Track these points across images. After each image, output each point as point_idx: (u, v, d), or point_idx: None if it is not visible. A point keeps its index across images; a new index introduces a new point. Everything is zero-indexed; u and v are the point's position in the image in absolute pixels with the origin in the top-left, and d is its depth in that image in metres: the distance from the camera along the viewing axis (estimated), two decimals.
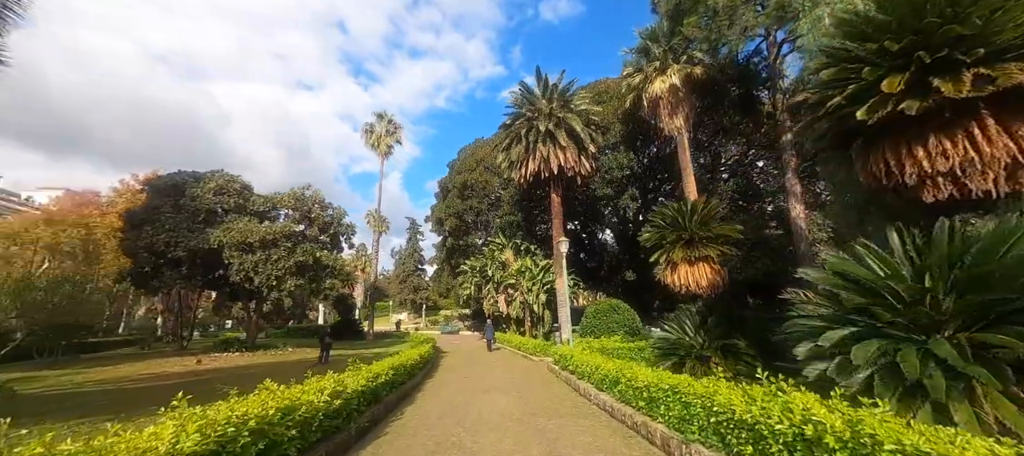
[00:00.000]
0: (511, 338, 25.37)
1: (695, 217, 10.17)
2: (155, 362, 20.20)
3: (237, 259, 21.57)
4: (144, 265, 22.74)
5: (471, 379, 12.71)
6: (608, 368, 8.14)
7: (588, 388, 9.03)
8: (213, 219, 23.13)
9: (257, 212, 24.72)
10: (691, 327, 10.39)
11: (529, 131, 26.16)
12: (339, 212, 28.57)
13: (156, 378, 14.33)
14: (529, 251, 33.68)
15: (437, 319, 58.74)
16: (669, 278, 10.57)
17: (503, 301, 31.92)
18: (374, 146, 41.50)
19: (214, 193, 23.24)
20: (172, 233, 21.82)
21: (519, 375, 13.35)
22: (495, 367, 15.93)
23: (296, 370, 16.38)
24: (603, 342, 14.47)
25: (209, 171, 24.53)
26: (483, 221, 40.37)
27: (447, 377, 13.34)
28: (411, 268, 71.39)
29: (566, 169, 25.68)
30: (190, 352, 25.40)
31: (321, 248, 26.01)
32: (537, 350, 18.52)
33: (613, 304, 18.53)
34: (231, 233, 21.60)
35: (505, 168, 29.18)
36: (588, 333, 17.95)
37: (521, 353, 20.84)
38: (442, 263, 48.12)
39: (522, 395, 9.61)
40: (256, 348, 25.72)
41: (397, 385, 9.49)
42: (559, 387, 10.81)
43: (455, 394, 10.03)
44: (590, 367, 9.41)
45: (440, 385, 11.66)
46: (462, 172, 39.47)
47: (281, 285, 22.60)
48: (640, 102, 24.62)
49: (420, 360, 12.99)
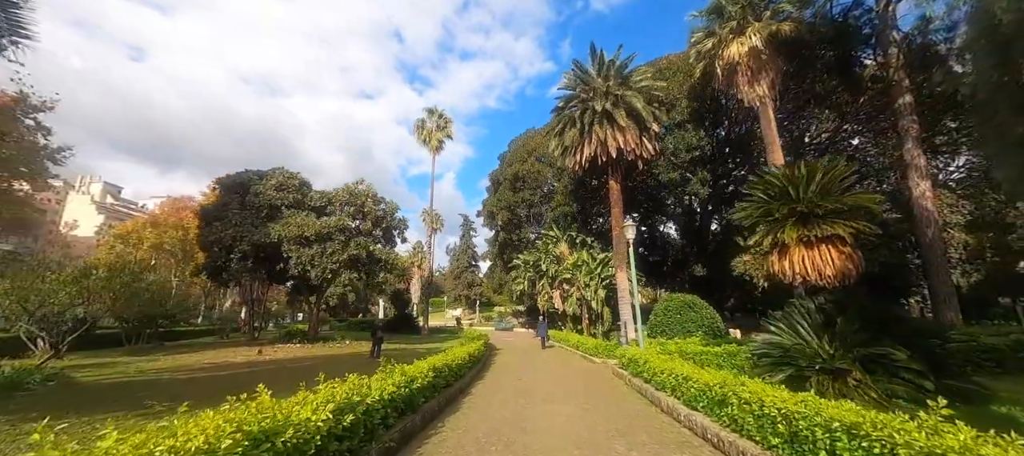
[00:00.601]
0: (568, 336, 23.54)
1: (813, 185, 7.73)
2: (226, 351, 21.12)
3: (295, 252, 21.95)
4: (215, 259, 24.05)
5: (526, 383, 11.17)
6: (706, 380, 6.16)
7: (673, 404, 7.09)
8: (275, 214, 23.83)
9: (314, 207, 25.17)
10: (809, 329, 7.98)
11: (584, 113, 24.08)
12: (391, 206, 28.46)
13: (215, 368, 14.51)
14: (585, 244, 31.49)
15: (491, 315, 58.26)
16: (776, 266, 8.22)
17: (558, 297, 30.12)
18: (425, 142, 41.52)
19: (275, 189, 23.94)
20: (238, 228, 22.74)
21: (580, 380, 11.59)
22: (552, 368, 14.29)
23: (349, 362, 15.98)
24: (680, 344, 12.24)
25: (270, 169, 25.41)
26: (536, 214, 38.78)
27: (499, 380, 11.93)
28: (465, 264, 71.75)
29: (626, 152, 23.28)
30: (260, 342, 26.72)
31: (374, 242, 25.98)
32: (598, 351, 16.57)
33: (688, 300, 16.04)
34: (289, 227, 22.02)
35: (558, 155, 27.32)
36: (658, 333, 15.66)
37: (580, 353, 18.99)
38: (495, 258, 47.30)
39: (588, 408, 7.88)
40: (317, 340, 26.33)
41: (439, 389, 8.19)
42: (631, 398, 8.91)
43: (507, 403, 8.53)
44: (675, 376, 7.44)
45: (491, 390, 10.25)
46: (513, 163, 38.15)
47: (336, 278, 22.74)
48: (712, 71, 21.59)
49: (468, 359, 11.70)
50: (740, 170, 36.00)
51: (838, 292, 7.70)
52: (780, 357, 7.62)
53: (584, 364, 15.66)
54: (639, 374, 10.09)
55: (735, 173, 36.37)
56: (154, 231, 47.78)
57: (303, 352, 20.64)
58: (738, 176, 36.54)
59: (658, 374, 8.43)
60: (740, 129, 32.60)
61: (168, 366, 14.60)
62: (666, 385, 7.94)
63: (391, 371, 6.50)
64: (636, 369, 10.36)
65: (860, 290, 8.79)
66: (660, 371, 8.35)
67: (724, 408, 5.40)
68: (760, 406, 4.60)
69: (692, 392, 6.48)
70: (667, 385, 7.91)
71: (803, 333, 8.04)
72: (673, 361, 8.67)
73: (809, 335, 7.96)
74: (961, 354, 8.21)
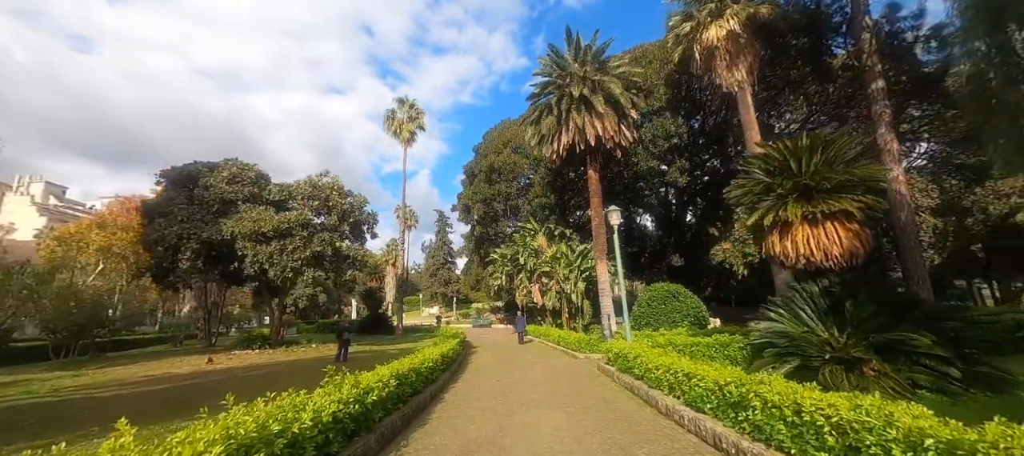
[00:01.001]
0: (548, 331, 22.69)
1: (816, 157, 7.02)
2: (173, 361, 19.09)
3: (250, 250, 20.05)
4: (162, 260, 21.79)
5: (505, 385, 10.13)
6: (714, 378, 5.29)
7: (673, 405, 6.21)
8: (228, 209, 21.78)
9: (273, 201, 23.23)
10: (813, 315, 7.30)
11: (561, 99, 23.20)
12: (359, 200, 26.73)
13: (151, 382, 12.74)
14: (564, 236, 30.78)
15: (469, 312, 56.97)
16: (777, 247, 7.50)
17: (537, 291, 29.28)
18: (396, 134, 39.69)
19: (227, 182, 21.88)
20: (185, 224, 20.61)
21: (564, 379, 10.65)
22: (533, 367, 13.32)
23: (310, 369, 14.52)
24: (669, 336, 11.51)
25: (222, 160, 23.25)
26: (512, 207, 37.78)
27: (476, 382, 10.85)
28: (441, 261, 70.05)
29: (604, 140, 22.58)
30: (217, 349, 24.58)
31: (341, 238, 24.27)
32: (581, 345, 15.74)
33: (672, 290, 15.43)
34: (243, 222, 20.09)
35: (534, 145, 26.33)
36: (643, 324, 14.97)
37: (561, 348, 18.14)
38: (471, 253, 46.04)
39: (578, 415, 6.91)
40: (281, 345, 24.47)
41: (405, 398, 7.03)
42: (622, 399, 8.02)
43: (484, 411, 7.47)
44: (673, 373, 6.57)
45: (466, 395, 9.15)
46: (488, 155, 36.94)
47: (298, 277, 20.98)
48: (690, 56, 21.08)
49: (441, 361, 10.56)
50: (714, 160, 36.23)
51: (845, 273, 7.04)
52: (785, 347, 6.88)
53: (566, 360, 14.79)
54: (628, 370, 9.23)
55: (709, 162, 36.60)
56: (101, 233, 43.79)
57: (261, 359, 18.88)
58: (712, 167, 36.83)
59: (652, 370, 7.57)
60: (715, 119, 32.63)
61: (95, 382, 12.73)
62: (663, 383, 7.08)
63: (340, 382, 5.31)
64: (625, 365, 9.50)
65: (869, 271, 8.22)
66: (655, 367, 7.48)
67: (743, 412, 4.52)
68: (796, 411, 3.71)
69: (697, 391, 5.60)
70: (664, 383, 7.05)
71: (807, 320, 7.35)
72: (668, 355, 7.83)
73: (814, 322, 7.28)
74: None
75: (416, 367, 8.09)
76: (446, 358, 11.58)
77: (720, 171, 36.12)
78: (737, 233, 21.31)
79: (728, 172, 34.63)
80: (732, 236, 21.30)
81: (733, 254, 21.13)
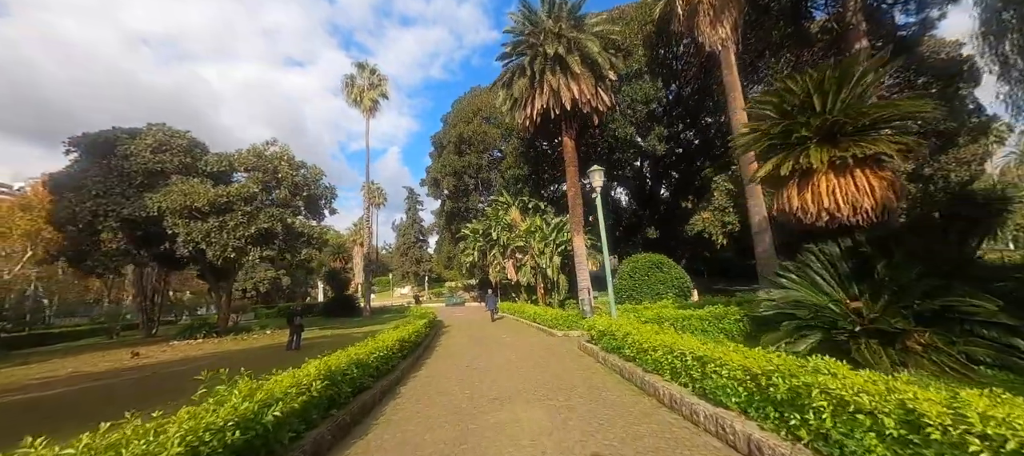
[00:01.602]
0: (523, 308, 21.50)
1: (844, 92, 5.78)
2: (95, 356, 16.59)
3: (182, 228, 17.49)
4: (80, 241, 18.83)
5: (476, 372, 8.73)
6: (745, 364, 4.02)
7: (679, 395, 4.96)
8: (154, 182, 18.92)
9: (211, 173, 20.46)
10: (832, 280, 6.20)
11: (534, 59, 21.38)
12: (314, 171, 24.22)
13: (43, 386, 10.56)
14: (539, 210, 29.43)
15: (442, 291, 55.36)
16: (795, 201, 6.30)
17: (511, 267, 27.99)
18: (356, 102, 36.59)
19: (152, 151, 18.90)
20: (100, 200, 17.69)
21: (543, 362, 9.37)
22: (507, 347, 12.01)
23: (256, 360, 12.67)
24: (656, 309, 10.41)
25: (146, 125, 20.11)
26: (484, 180, 35.93)
27: (442, 369, 9.40)
28: (411, 240, 67.62)
29: (581, 103, 21.06)
30: (156, 340, 22.00)
31: (293, 214, 21.89)
32: (558, 322, 14.57)
33: (655, 260, 14.41)
34: (172, 196, 17.43)
35: (506, 111, 24.45)
36: (626, 298, 13.93)
37: (537, 325, 16.97)
38: (442, 229, 44.09)
39: (563, 411, 5.58)
40: (229, 332, 22.16)
41: (340, 402, 5.46)
42: (612, 385, 6.78)
43: (447, 411, 6.03)
44: (679, 356, 5.31)
45: (427, 388, 7.69)
46: (458, 124, 34.67)
47: (242, 257, 18.63)
48: (672, 11, 19.65)
49: (399, 347, 9.01)
50: (688, 131, 35.46)
51: (872, 230, 5.94)
52: (805, 321, 5.74)
53: (543, 339, 13.59)
54: (616, 350, 8.01)
55: (684, 135, 35.76)
56: (26, 216, 38.71)
57: (200, 350, 16.70)
58: (686, 140, 35.92)
59: (648, 351, 6.31)
60: (690, 88, 31.65)
61: None
62: (662, 366, 5.83)
63: (225, 395, 3.67)
64: (612, 344, 8.27)
65: (901, 227, 7.19)
66: (651, 347, 6.22)
67: (799, 414, 3.24)
68: (916, 417, 2.41)
69: (717, 381, 4.33)
70: (663, 366, 5.80)
71: (826, 286, 6.25)
72: (665, 333, 6.60)
73: (834, 288, 6.18)
74: None
75: (360, 359, 6.50)
76: (406, 343, 10.04)
77: (694, 143, 35.51)
78: (717, 202, 20.59)
79: (704, 142, 34.06)
80: (712, 205, 20.56)
81: (712, 223, 20.45)
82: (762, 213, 16.17)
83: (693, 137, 35.81)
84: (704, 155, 33.44)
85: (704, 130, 33.69)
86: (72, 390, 9.63)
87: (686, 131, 35.51)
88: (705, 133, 33.66)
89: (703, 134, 34.05)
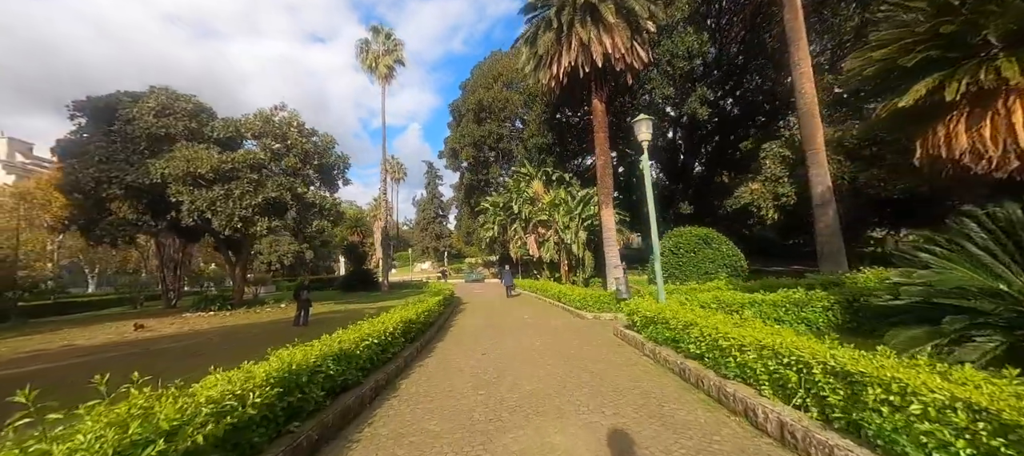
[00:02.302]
0: (546, 285, 19.92)
1: None
2: (102, 327, 16.11)
3: (187, 196, 16.55)
4: (89, 210, 18.31)
5: (494, 364, 7.21)
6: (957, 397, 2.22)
7: (804, 427, 3.24)
8: (159, 148, 17.99)
9: (218, 140, 19.40)
10: (1015, 258, 4.23)
11: (562, 8, 19.06)
12: (327, 140, 22.90)
13: (34, 359, 9.78)
14: (563, 181, 27.43)
15: (461, 267, 54.53)
16: (961, 139, 4.29)
17: (533, 242, 26.36)
18: (371, 68, 34.89)
19: (155, 114, 17.88)
20: (103, 166, 16.89)
21: (576, 353, 7.76)
22: (530, 331, 10.46)
23: (257, 337, 11.71)
24: (714, 292, 8.55)
25: (149, 87, 19.09)
26: (505, 151, 33.98)
27: (453, 360, 7.93)
28: (431, 215, 66.80)
29: (614, 59, 18.68)
30: (178, 311, 21.76)
31: (304, 183, 20.72)
32: (589, 303, 12.90)
33: (702, 234, 12.42)
34: (174, 163, 16.44)
35: (530, 71, 22.22)
36: (666, 277, 12.06)
37: (561, 306, 15.38)
38: (461, 204, 42.69)
39: (616, 435, 3.95)
40: (243, 306, 21.60)
41: (302, 411, 3.99)
42: (675, 394, 5.09)
43: (454, 425, 4.52)
44: (800, 367, 3.54)
45: (432, 386, 6.21)
46: (477, 90, 32.56)
47: (249, 227, 17.65)
48: None
49: (401, 332, 7.55)
50: (726, 99, 32.00)
51: None
52: (987, 316, 3.84)
53: (571, 321, 11.99)
54: (671, 343, 6.29)
55: (722, 102, 32.23)
56: None
57: (209, 324, 15.97)
58: (724, 108, 32.19)
59: (729, 350, 4.57)
60: (732, 51, 28.37)
61: None
62: (757, 376, 4.09)
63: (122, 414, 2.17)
64: (664, 334, 6.54)
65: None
66: (734, 344, 4.47)
67: None
68: None
69: (899, 422, 2.57)
70: (759, 376, 4.06)
71: (999, 267, 4.28)
72: (753, 326, 4.81)
73: (1017, 270, 4.21)
74: None
75: (345, 349, 5.02)
76: (414, 324, 8.61)
77: (734, 112, 32.25)
78: (768, 171, 18.12)
79: (746, 111, 30.86)
80: (763, 174, 18.11)
81: (762, 196, 18.05)
82: (826, 183, 13.82)
83: (732, 106, 32.54)
84: (746, 124, 30.34)
85: (745, 97, 30.46)
86: (69, 364, 8.77)
87: (726, 98, 32.23)
88: (746, 100, 30.43)
89: (744, 101, 30.82)
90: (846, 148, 15.61)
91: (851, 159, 15.91)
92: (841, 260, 13.24)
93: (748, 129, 28.49)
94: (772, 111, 27.52)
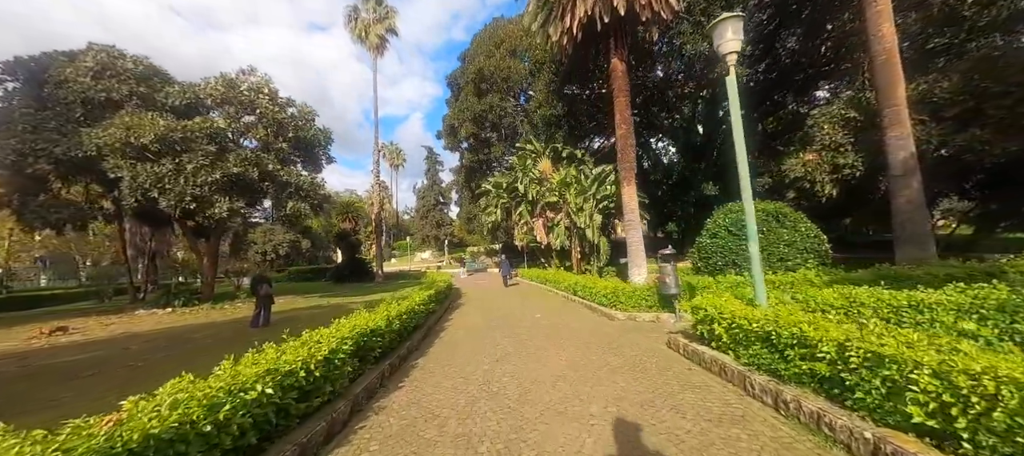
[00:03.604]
0: (559, 276, 17.09)
1: None
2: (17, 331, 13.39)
3: (127, 170, 13.74)
4: (25, 189, 15.59)
5: (497, 415, 4.39)
6: None
7: None
8: (100, 116, 15.16)
9: (174, 107, 16.55)
10: None
11: None
12: (305, 111, 20.00)
13: None
14: (574, 159, 24.39)
15: (462, 256, 51.80)
16: None
17: (541, 227, 23.44)
18: (361, 38, 31.75)
19: (92, 76, 15.02)
20: (30, 136, 14.08)
21: (624, 387, 4.92)
22: (547, 340, 7.62)
23: (202, 343, 9.02)
24: (824, 291, 5.64)
25: (87, 44, 16.17)
26: (508, 127, 30.83)
27: (433, 401, 5.13)
28: (431, 203, 63.90)
29: (639, 5, 15.54)
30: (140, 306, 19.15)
31: (277, 160, 17.87)
32: (620, 299, 10.04)
33: (772, 210, 9.49)
34: (111, 131, 13.59)
35: (538, 28, 18.97)
36: (721, 266, 9.17)
37: (581, 301, 12.56)
38: (461, 188, 39.74)
39: None
40: (211, 300, 18.93)
41: None
42: None
43: None
44: None
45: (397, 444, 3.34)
46: (477, 58, 29.35)
47: (206, 207, 14.84)
48: None
49: (352, 351, 4.72)
50: (757, 65, 28.69)
51: None
52: None
53: (598, 324, 9.16)
54: (809, 380, 3.44)
55: (759, 66, 28.76)
56: None
57: (157, 324, 13.25)
58: (756, 74, 28.96)
59: None
60: (766, 13, 24.90)
61: None
62: None
63: None
64: (798, 366, 3.69)
65: None
66: None
67: None
68: None
69: None
70: None
71: None
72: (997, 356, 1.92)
73: None
74: None
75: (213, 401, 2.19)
76: (373, 340, 5.78)
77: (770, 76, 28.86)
78: (826, 137, 15.05)
79: (782, 75, 27.52)
80: (820, 142, 15.06)
81: (818, 168, 15.01)
82: (909, 148, 10.80)
83: (763, 71, 29.19)
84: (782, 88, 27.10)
85: (780, 60, 27.10)
86: None
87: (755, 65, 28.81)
88: (781, 63, 27.07)
89: (779, 64, 27.45)
90: (935, 104, 12.52)
91: (938, 121, 12.84)
92: (927, 243, 10.35)
93: (786, 93, 25.28)
94: (814, 75, 24.32)
